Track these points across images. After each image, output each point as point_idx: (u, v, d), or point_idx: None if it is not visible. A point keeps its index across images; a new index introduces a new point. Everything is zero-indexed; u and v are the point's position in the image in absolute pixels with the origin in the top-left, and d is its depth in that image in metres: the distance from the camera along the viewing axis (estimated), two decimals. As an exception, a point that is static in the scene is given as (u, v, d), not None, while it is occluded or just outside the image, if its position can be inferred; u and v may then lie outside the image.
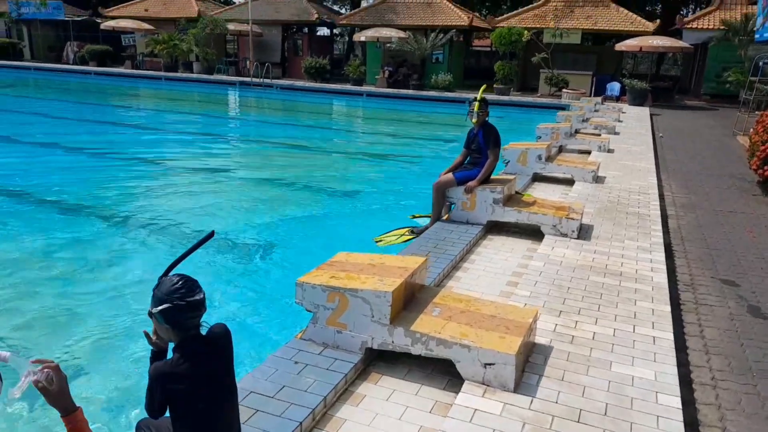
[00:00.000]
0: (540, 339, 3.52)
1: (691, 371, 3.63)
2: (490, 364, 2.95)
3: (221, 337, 2.10)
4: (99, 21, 32.17)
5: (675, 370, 3.25)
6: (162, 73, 27.77)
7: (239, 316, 4.73)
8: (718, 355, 3.84)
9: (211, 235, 2.12)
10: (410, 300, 3.44)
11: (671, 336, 3.67)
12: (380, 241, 6.20)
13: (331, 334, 3.26)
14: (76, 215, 7.54)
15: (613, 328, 3.73)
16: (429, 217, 6.26)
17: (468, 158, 6.17)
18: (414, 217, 6.58)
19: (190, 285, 1.96)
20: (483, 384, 2.97)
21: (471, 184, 5.86)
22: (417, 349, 3.11)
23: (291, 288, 3.36)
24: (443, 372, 3.18)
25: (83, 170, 10.25)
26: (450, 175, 6.02)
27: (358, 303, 3.16)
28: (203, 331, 2.06)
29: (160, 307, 1.92)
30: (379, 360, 3.30)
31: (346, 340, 3.23)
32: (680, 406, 2.91)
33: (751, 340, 4.05)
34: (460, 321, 3.23)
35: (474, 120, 5.90)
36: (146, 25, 30.23)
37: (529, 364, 3.22)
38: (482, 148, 5.92)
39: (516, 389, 2.95)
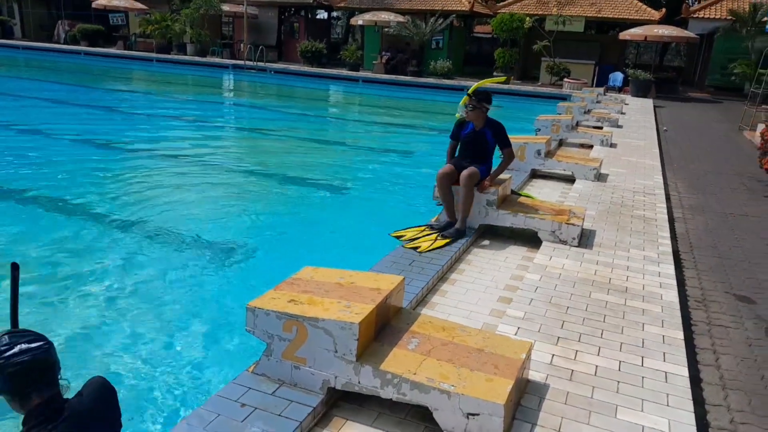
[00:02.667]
0: (534, 375, 3.03)
1: (707, 411, 3.15)
2: (474, 414, 2.46)
3: (92, 402, 1.59)
4: (91, -1, 31.36)
5: (693, 418, 2.76)
6: (153, 55, 27.05)
7: (200, 337, 4.22)
8: (736, 390, 3.36)
9: (14, 268, 1.60)
10: (383, 328, 2.94)
11: (686, 371, 3.18)
12: (402, 237, 5.13)
13: (288, 369, 2.76)
14: (45, 206, 7.01)
15: (618, 361, 3.24)
16: (420, 235, 5.20)
17: (464, 154, 5.39)
18: (398, 236, 5.21)
19: (14, 339, 1.46)
20: (465, 437, 2.49)
21: (486, 183, 5.23)
22: (387, 393, 2.61)
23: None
24: (419, 418, 2.69)
25: (59, 157, 9.68)
26: (472, 170, 5.11)
27: (320, 335, 2.66)
28: (70, 394, 1.56)
29: None
30: (344, 400, 2.81)
31: (304, 377, 2.73)
32: (700, 469, 2.44)
33: (772, 372, 3.58)
34: (441, 357, 2.73)
35: (458, 115, 5.29)
36: (139, 5, 29.43)
37: (521, 408, 2.74)
38: (491, 145, 5.29)
39: (504, 444, 2.47)
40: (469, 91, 5.20)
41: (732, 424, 3.06)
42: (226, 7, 27.87)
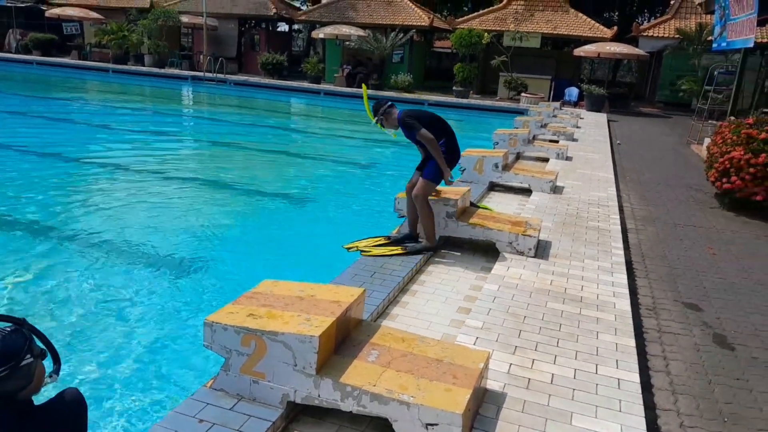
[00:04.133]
0: (492, 383, 3.08)
1: (657, 416, 3.26)
2: (432, 425, 2.49)
3: (62, 409, 1.56)
4: (44, 8, 30.51)
5: (643, 423, 2.85)
6: (110, 65, 26.50)
7: (156, 353, 4.14)
8: (685, 395, 3.48)
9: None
10: (344, 340, 2.95)
11: (637, 378, 3.29)
12: (353, 248, 5.15)
13: (247, 384, 2.73)
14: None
15: (573, 369, 3.32)
16: (376, 244, 5.21)
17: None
18: (348, 248, 5.21)
19: None
20: (424, 447, 2.51)
21: (445, 178, 5.00)
22: (347, 405, 2.62)
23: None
24: (380, 430, 2.69)
25: (10, 170, 9.37)
26: (421, 181, 5.01)
27: (279, 348, 2.65)
28: (39, 399, 1.53)
29: None
30: (304, 414, 2.80)
31: (263, 391, 2.71)
32: (650, 472, 2.52)
33: (718, 377, 3.72)
34: (401, 368, 2.76)
35: (394, 135, 5.21)
36: (94, 14, 28.80)
37: (479, 418, 2.78)
38: (415, 141, 5.06)
39: (463, 453, 2.50)
40: (372, 119, 5.18)
41: (681, 428, 3.17)
42: (185, 19, 27.56)
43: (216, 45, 28.01)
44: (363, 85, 5.64)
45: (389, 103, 5.15)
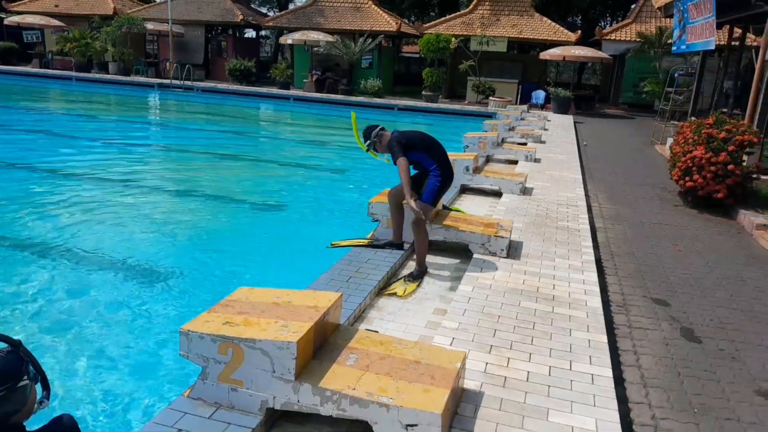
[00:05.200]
0: (469, 383, 3.12)
1: (630, 409, 3.34)
2: (412, 426, 2.51)
3: None
4: (3, 16, 29.76)
5: (617, 416, 2.92)
6: (73, 74, 25.96)
7: (132, 364, 4.08)
8: (656, 388, 3.57)
9: None
10: (322, 345, 2.95)
11: (610, 373, 3.37)
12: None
13: (225, 392, 2.72)
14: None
15: (548, 366, 3.38)
16: (359, 245, 5.26)
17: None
18: (334, 245, 5.34)
19: None
20: (404, 448, 2.53)
21: (407, 203, 4.67)
22: (327, 410, 2.62)
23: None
24: (359, 433, 2.71)
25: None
26: (422, 205, 4.74)
27: (256, 356, 2.64)
28: (33, 426, 1.50)
29: None
30: (283, 420, 2.79)
31: (242, 399, 2.70)
32: (625, 463, 2.58)
33: (687, 369, 3.83)
34: (379, 371, 2.77)
35: (387, 160, 4.97)
36: (56, 22, 28.23)
37: (458, 417, 2.81)
38: (411, 158, 4.82)
39: (443, 452, 2.53)
40: (363, 148, 5.01)
41: (653, 420, 3.25)
42: (150, 26, 27.19)
43: (182, 52, 27.69)
44: (353, 114, 5.46)
45: (380, 126, 4.96)
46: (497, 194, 7.98)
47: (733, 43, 13.89)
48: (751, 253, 6.46)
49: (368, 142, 4.93)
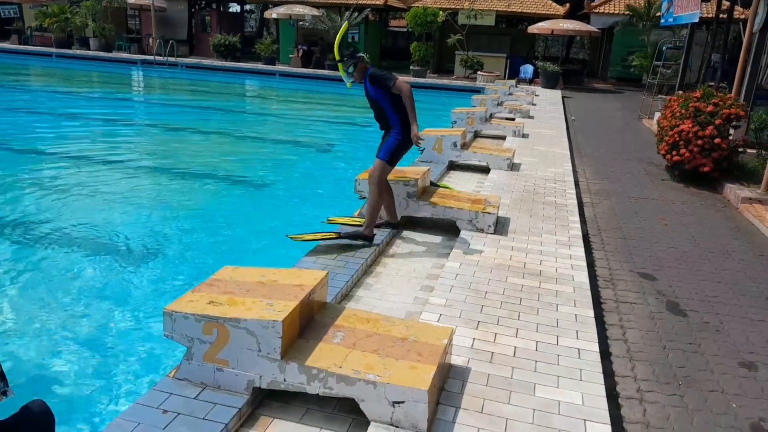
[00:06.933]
0: (456, 359, 3.12)
1: (616, 382, 3.36)
2: (399, 402, 2.51)
3: (29, 425, 1.50)
4: (-22, -9, 28.98)
5: (603, 390, 2.94)
6: (53, 50, 25.40)
7: (115, 345, 4.04)
8: (641, 361, 3.60)
9: None
10: (308, 324, 2.93)
11: (596, 347, 3.38)
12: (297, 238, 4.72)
13: (210, 372, 2.70)
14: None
15: (535, 341, 3.39)
16: (354, 224, 5.01)
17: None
18: (331, 221, 5.11)
19: None
20: (392, 425, 2.53)
21: (414, 135, 4.52)
22: (314, 388, 2.61)
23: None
24: (347, 410, 2.70)
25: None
26: (378, 162, 4.66)
27: (242, 335, 2.62)
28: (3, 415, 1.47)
29: None
30: (270, 399, 2.78)
31: (228, 379, 2.68)
32: (610, 436, 2.60)
33: (672, 342, 3.86)
34: (366, 348, 2.76)
35: (349, 84, 4.75)
36: (34, -4, 27.50)
37: (445, 393, 2.81)
38: (381, 100, 4.61)
39: (430, 428, 2.53)
40: (337, 57, 4.70)
41: (639, 393, 3.28)
42: (131, 0, 26.57)
43: (165, 27, 27.11)
44: (345, 23, 5.25)
45: (364, 54, 4.65)
46: (485, 170, 7.95)
47: (721, 16, 13.83)
48: (736, 226, 6.51)
49: (347, 57, 4.64)
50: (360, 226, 4.87)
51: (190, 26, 28.75)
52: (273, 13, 24.75)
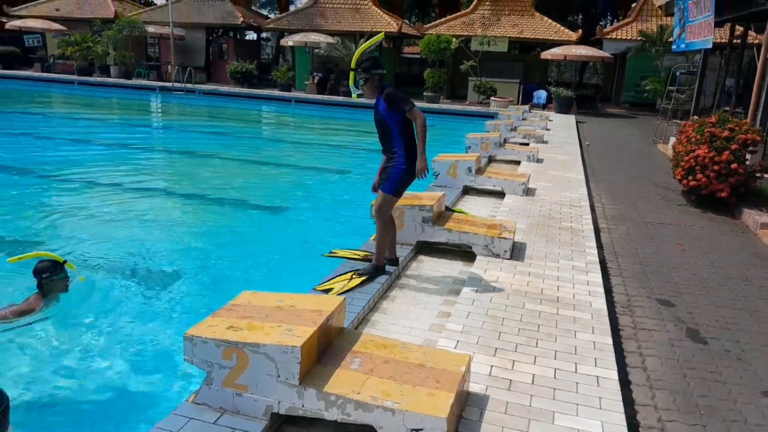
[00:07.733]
0: (474, 386, 3.10)
1: (636, 411, 3.32)
2: (417, 430, 2.50)
3: None
4: (4, 20, 29.84)
5: (623, 419, 2.91)
6: (75, 77, 26.02)
7: (136, 370, 4.06)
8: (662, 390, 3.55)
9: None
10: (326, 349, 2.94)
11: (615, 375, 3.35)
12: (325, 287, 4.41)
13: (230, 397, 2.71)
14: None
15: (553, 369, 3.37)
16: (355, 257, 4.99)
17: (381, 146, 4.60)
18: (332, 254, 5.04)
19: None
20: (410, 453, 2.52)
21: (419, 168, 4.36)
22: (332, 414, 2.62)
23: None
24: (364, 437, 2.69)
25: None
26: (384, 196, 4.48)
27: (261, 360, 2.63)
28: None
29: None
30: (288, 424, 2.79)
31: (247, 404, 2.69)
32: (632, 467, 2.57)
33: (693, 370, 3.81)
34: (383, 375, 2.76)
35: (355, 96, 4.75)
36: (57, 26, 28.28)
37: (463, 421, 2.80)
38: (390, 119, 4.37)
39: (448, 457, 2.51)
40: (353, 65, 4.50)
41: (660, 422, 3.23)
42: (151, 29, 27.23)
43: (183, 55, 27.73)
44: (382, 33, 5.14)
45: (383, 71, 4.50)
46: (500, 195, 7.96)
47: (734, 41, 13.86)
48: (755, 252, 6.43)
49: (364, 68, 4.37)
50: (360, 260, 4.91)
51: (207, 54, 29.36)
52: (289, 41, 25.22)
